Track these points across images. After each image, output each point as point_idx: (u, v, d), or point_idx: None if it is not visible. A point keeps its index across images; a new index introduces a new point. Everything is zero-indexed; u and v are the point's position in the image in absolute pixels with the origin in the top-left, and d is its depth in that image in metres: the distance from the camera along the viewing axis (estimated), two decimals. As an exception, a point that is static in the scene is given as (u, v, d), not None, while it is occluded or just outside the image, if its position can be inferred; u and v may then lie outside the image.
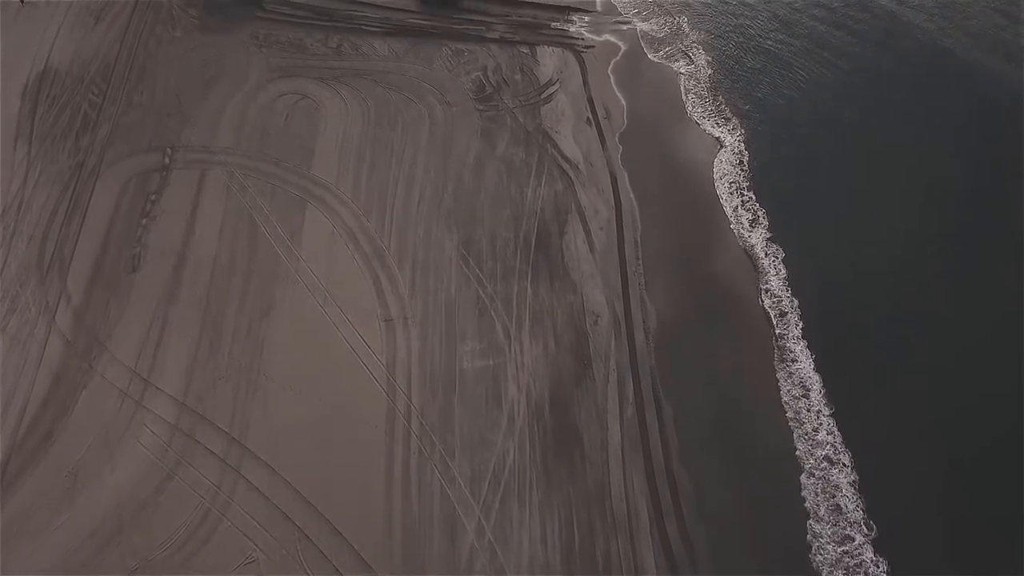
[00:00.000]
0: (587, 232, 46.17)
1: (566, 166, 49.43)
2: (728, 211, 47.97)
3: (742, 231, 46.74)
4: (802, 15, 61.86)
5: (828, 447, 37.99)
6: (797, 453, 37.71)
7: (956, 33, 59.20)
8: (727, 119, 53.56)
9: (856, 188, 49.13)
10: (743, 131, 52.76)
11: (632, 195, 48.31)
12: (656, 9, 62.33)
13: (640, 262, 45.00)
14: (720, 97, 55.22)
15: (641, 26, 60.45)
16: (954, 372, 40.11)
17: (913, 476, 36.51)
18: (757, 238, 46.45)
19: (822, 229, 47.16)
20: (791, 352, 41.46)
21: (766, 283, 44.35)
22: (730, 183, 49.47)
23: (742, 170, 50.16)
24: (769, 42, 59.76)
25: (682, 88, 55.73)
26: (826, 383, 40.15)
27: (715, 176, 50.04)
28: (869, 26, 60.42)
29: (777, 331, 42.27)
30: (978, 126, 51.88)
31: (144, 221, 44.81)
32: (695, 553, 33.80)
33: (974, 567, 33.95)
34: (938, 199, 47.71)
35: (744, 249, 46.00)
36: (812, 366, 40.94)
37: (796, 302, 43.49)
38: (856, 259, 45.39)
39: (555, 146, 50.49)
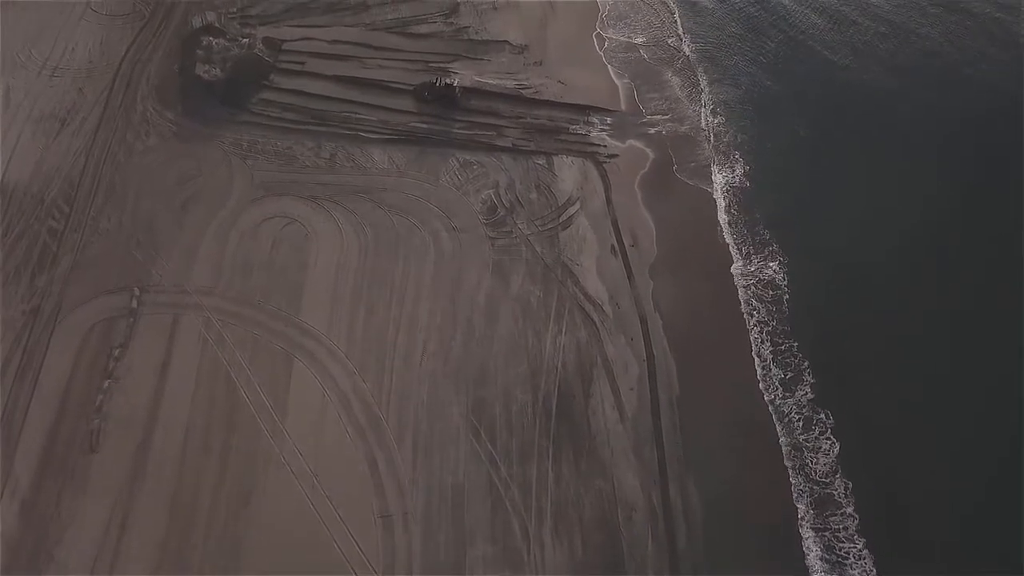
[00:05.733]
0: (616, 393, 42.58)
1: (589, 308, 45.94)
2: (768, 365, 44.31)
3: (778, 396, 43.11)
4: (845, 114, 58.69)
5: None
6: None
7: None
8: (766, 242, 50.15)
9: (909, 326, 45.73)
10: (784, 258, 49.36)
11: (666, 345, 44.79)
12: (685, 108, 58.97)
13: (678, 432, 41.39)
14: (757, 214, 51.86)
15: (670, 128, 57.18)
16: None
17: None
18: (798, 400, 42.98)
19: (870, 382, 43.72)
20: (840, 553, 37.77)
21: (812, 461, 40.75)
22: (769, 327, 45.97)
23: (781, 312, 46.65)
24: (813, 146, 56.41)
25: (718, 207, 52.36)
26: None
27: (755, 319, 46.41)
28: (919, 131, 57.22)
29: (827, 526, 38.55)
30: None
31: (106, 384, 41.22)
32: None
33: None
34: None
35: (786, 415, 42.38)
36: (872, 572, 37.27)
37: (849, 485, 39.92)
38: (911, 417, 42.05)
39: (576, 283, 47.05)
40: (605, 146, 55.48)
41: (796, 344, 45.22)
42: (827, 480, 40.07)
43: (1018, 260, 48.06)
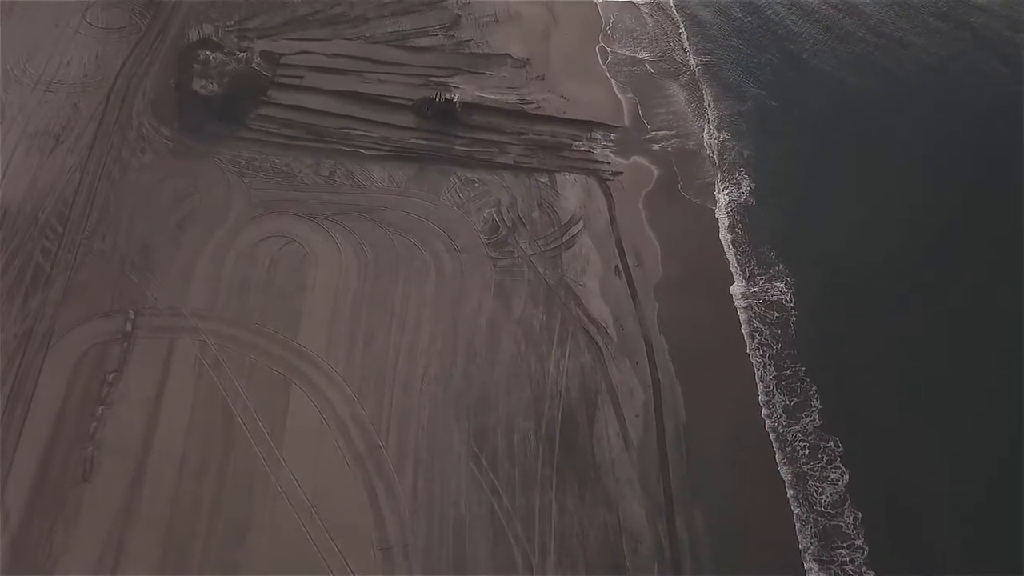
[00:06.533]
0: (621, 420, 42.03)
1: (593, 331, 45.40)
2: (772, 391, 43.70)
3: (782, 423, 42.50)
4: (851, 130, 58.18)
5: None
6: None
7: None
8: (772, 262, 49.57)
9: (916, 336, 45.37)
10: (791, 278, 48.74)
11: (672, 369, 44.24)
12: (690, 123, 58.39)
13: (685, 460, 40.86)
14: (763, 233, 51.26)
15: (675, 145, 56.62)
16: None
17: None
18: (803, 428, 42.36)
19: (880, 405, 43.30)
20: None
21: (818, 491, 40.14)
22: (774, 351, 45.38)
23: (787, 335, 46.05)
24: (819, 162, 55.89)
25: (723, 224, 51.78)
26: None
27: (758, 342, 45.79)
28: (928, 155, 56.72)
29: (834, 559, 38.01)
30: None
31: (100, 410, 40.67)
32: None
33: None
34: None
35: (790, 442, 41.83)
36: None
37: (859, 515, 39.27)
38: (925, 441, 41.55)
39: (580, 305, 46.51)
40: (609, 163, 54.97)
41: (804, 368, 44.66)
42: (835, 511, 39.53)
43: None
